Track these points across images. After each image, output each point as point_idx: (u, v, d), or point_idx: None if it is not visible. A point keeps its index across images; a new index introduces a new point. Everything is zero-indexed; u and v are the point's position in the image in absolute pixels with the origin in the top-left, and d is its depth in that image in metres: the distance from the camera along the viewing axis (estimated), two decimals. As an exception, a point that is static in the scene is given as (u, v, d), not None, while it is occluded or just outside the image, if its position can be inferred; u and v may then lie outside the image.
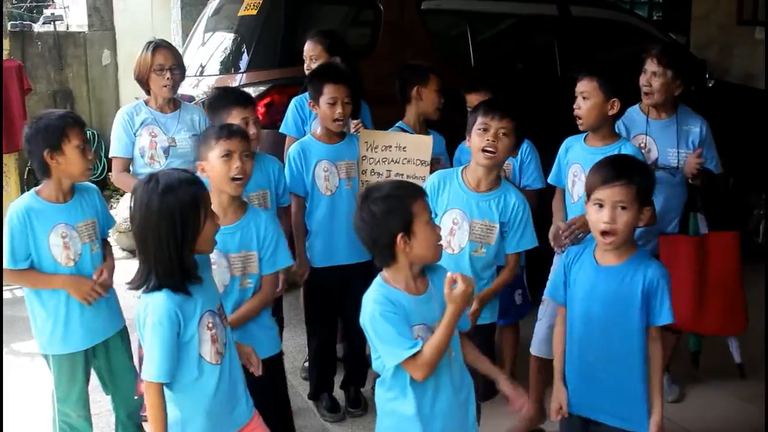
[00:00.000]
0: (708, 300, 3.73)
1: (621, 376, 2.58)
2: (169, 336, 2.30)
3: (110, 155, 4.06)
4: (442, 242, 2.42)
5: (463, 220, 3.07)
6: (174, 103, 4.11)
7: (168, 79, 3.96)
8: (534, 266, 3.87)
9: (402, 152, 3.59)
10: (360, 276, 3.65)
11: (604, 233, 2.50)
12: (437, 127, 4.05)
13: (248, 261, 2.97)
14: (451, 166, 3.91)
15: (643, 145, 3.75)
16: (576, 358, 2.65)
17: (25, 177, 9.03)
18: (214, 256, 2.79)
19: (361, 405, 4.10)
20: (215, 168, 2.88)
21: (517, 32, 6.07)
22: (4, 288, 6.24)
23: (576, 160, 3.45)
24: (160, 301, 2.30)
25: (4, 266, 3.00)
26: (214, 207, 2.65)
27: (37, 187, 3.08)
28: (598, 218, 2.50)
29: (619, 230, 2.49)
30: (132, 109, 4.06)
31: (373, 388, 4.16)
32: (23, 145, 3.07)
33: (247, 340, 2.82)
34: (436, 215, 3.05)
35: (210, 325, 2.40)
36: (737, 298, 3.78)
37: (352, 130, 3.89)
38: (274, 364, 3.10)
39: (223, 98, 3.61)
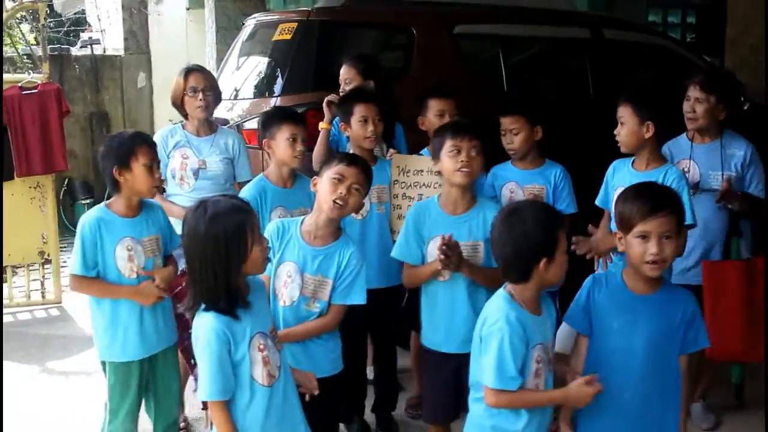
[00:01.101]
0: (757, 327, 3.63)
1: (658, 411, 2.50)
2: (219, 354, 2.34)
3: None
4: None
5: None
6: (210, 126, 4.18)
7: (201, 100, 4.06)
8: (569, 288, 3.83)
9: (434, 177, 3.57)
10: (389, 300, 3.64)
11: (651, 263, 2.42)
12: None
13: (321, 286, 2.99)
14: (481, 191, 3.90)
15: (687, 169, 3.76)
16: (608, 396, 2.46)
17: (61, 197, 9.17)
18: (291, 271, 2.95)
19: (392, 428, 4.08)
20: (323, 187, 2.97)
21: (549, 56, 6.06)
22: (39, 307, 6.34)
23: (622, 183, 3.43)
24: (208, 321, 2.36)
25: (74, 272, 3.14)
26: (309, 223, 2.95)
27: (108, 201, 3.26)
28: (644, 250, 2.41)
29: (668, 260, 2.44)
30: (168, 132, 4.18)
31: (406, 410, 4.20)
32: (99, 161, 3.26)
33: (304, 357, 2.93)
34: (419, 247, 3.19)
35: (261, 346, 2.42)
36: None
37: (387, 157, 3.90)
38: (331, 384, 3.03)
39: (274, 116, 3.74)
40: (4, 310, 6.27)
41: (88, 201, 9.34)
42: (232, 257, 2.34)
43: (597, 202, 3.73)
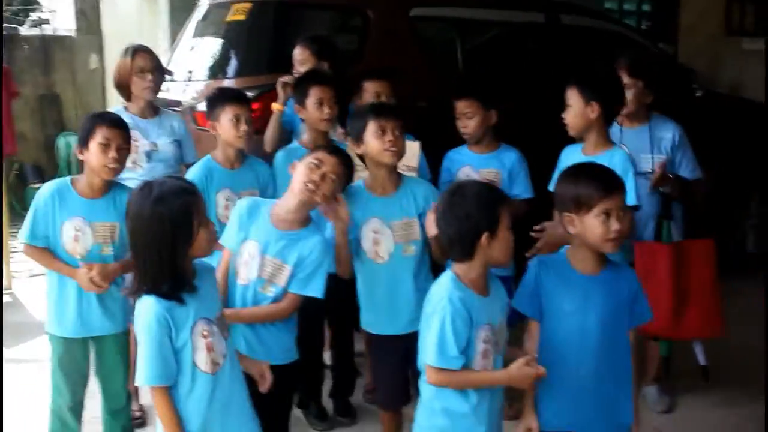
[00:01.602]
0: (686, 306, 3.75)
1: (613, 388, 2.54)
2: (159, 339, 2.29)
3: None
4: (370, 255, 3.05)
5: (382, 226, 3.14)
6: (154, 108, 4.12)
7: (150, 81, 4.02)
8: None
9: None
10: (346, 283, 3.61)
11: (614, 240, 2.43)
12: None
13: (279, 271, 2.94)
14: (435, 176, 3.89)
15: None
16: (565, 376, 2.50)
17: (10, 180, 8.96)
18: (253, 250, 2.94)
19: (350, 413, 4.07)
20: (298, 170, 2.97)
21: (506, 40, 6.06)
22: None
23: None
24: (148, 305, 2.30)
25: (22, 240, 3.17)
26: (280, 206, 2.99)
27: (75, 176, 3.27)
28: (607, 228, 2.41)
29: (626, 236, 2.49)
30: None
31: (364, 396, 4.19)
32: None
33: (257, 344, 2.93)
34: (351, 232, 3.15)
35: (205, 333, 2.37)
36: (714, 302, 3.80)
37: (338, 138, 3.86)
38: (285, 373, 2.97)
39: (217, 97, 3.73)
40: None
41: (38, 185, 9.14)
42: (177, 239, 2.29)
43: (550, 187, 3.72)
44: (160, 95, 5.69)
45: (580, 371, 2.51)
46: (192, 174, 3.57)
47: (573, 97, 3.41)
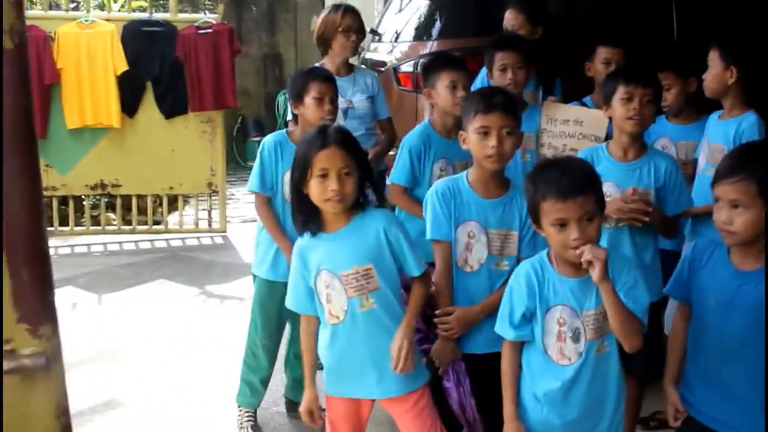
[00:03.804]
0: None
1: (762, 392, 2.25)
2: (295, 267, 2.57)
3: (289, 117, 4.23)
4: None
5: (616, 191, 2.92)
6: (349, 66, 4.22)
7: (353, 41, 4.11)
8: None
9: (579, 127, 3.47)
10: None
11: (722, 232, 2.22)
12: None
13: (507, 241, 2.75)
14: None
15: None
16: (703, 371, 2.33)
17: (234, 134, 9.62)
18: (474, 230, 2.70)
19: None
20: (471, 144, 2.70)
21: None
22: (206, 235, 6.76)
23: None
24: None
25: (251, 189, 3.33)
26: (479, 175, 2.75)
27: (290, 128, 3.46)
28: (716, 218, 2.22)
29: (736, 232, 2.19)
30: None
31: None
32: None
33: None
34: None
35: (326, 284, 2.49)
36: None
37: (545, 103, 3.77)
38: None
39: (433, 63, 3.59)
40: (174, 236, 6.75)
41: (258, 138, 9.76)
42: (294, 178, 2.46)
43: None
44: (368, 55, 5.90)
45: (721, 372, 2.30)
46: (411, 139, 3.44)
47: (713, 60, 3.26)
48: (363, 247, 2.45)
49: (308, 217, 2.47)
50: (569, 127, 3.55)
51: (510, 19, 4.15)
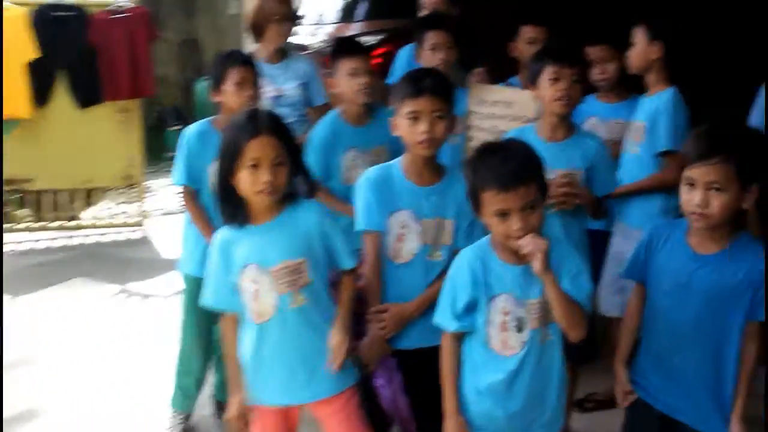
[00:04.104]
0: None
1: (713, 378, 2.25)
2: (216, 262, 2.43)
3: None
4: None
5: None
6: (282, 52, 4.08)
7: (286, 28, 3.97)
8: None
9: (508, 108, 3.39)
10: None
11: (695, 215, 2.17)
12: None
13: (441, 230, 2.58)
14: None
15: None
16: (655, 355, 2.32)
17: (150, 123, 9.30)
18: (406, 220, 2.55)
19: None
20: (402, 129, 2.53)
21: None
22: (123, 230, 6.49)
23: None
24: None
25: (176, 182, 3.17)
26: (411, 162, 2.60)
27: (215, 117, 3.24)
28: (689, 199, 2.17)
29: (712, 215, 2.14)
30: None
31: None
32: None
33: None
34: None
35: (253, 279, 2.35)
36: None
37: (470, 82, 3.70)
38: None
39: (333, 50, 3.51)
40: (89, 232, 6.45)
41: (178, 128, 9.46)
42: (223, 166, 2.28)
43: None
44: (289, 39, 5.73)
45: (671, 356, 2.29)
46: (316, 132, 3.36)
47: (638, 35, 3.29)
48: (295, 241, 2.32)
49: (235, 209, 2.32)
50: (499, 109, 3.47)
51: None
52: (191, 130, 3.20)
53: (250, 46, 9.58)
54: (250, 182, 2.23)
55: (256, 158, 2.22)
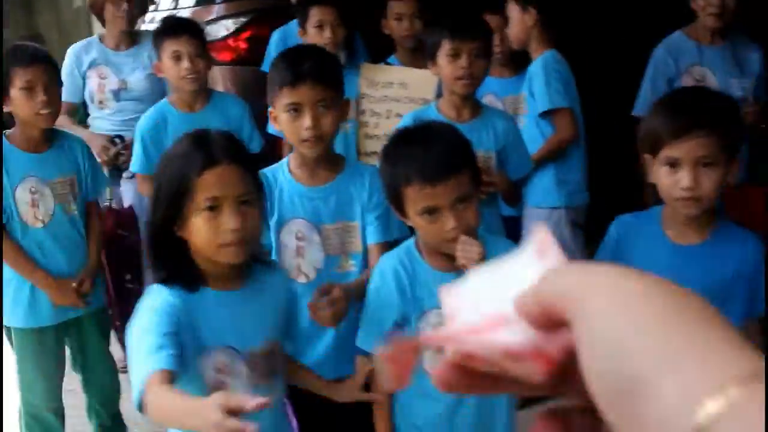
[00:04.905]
0: None
1: None
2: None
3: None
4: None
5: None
6: (132, 38, 3.64)
7: (123, 10, 3.56)
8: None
9: (404, 90, 3.10)
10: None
11: (685, 200, 1.84)
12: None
13: (348, 235, 2.23)
14: None
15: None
16: None
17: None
18: (303, 230, 2.17)
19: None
20: (283, 125, 2.14)
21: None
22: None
23: None
24: None
25: None
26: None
27: (8, 131, 2.71)
28: (674, 182, 1.81)
29: (705, 196, 1.81)
30: (81, 47, 3.74)
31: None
32: None
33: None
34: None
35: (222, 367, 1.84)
36: None
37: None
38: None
39: (157, 31, 3.21)
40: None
41: None
42: (161, 209, 1.72)
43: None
44: (144, 27, 5.23)
45: None
46: (142, 124, 3.11)
47: (511, 9, 3.30)
48: (271, 316, 1.77)
49: (178, 268, 1.67)
50: (393, 90, 3.17)
51: None
52: None
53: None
54: (209, 231, 1.60)
55: (215, 197, 1.61)
